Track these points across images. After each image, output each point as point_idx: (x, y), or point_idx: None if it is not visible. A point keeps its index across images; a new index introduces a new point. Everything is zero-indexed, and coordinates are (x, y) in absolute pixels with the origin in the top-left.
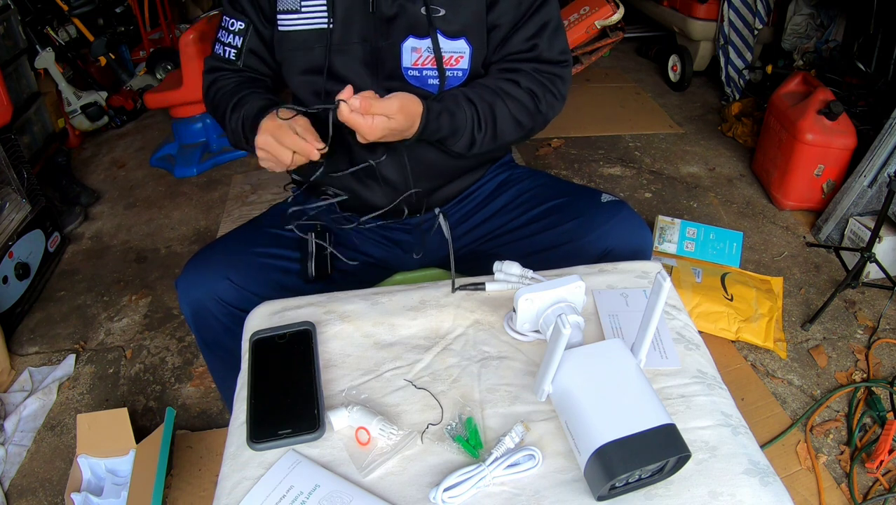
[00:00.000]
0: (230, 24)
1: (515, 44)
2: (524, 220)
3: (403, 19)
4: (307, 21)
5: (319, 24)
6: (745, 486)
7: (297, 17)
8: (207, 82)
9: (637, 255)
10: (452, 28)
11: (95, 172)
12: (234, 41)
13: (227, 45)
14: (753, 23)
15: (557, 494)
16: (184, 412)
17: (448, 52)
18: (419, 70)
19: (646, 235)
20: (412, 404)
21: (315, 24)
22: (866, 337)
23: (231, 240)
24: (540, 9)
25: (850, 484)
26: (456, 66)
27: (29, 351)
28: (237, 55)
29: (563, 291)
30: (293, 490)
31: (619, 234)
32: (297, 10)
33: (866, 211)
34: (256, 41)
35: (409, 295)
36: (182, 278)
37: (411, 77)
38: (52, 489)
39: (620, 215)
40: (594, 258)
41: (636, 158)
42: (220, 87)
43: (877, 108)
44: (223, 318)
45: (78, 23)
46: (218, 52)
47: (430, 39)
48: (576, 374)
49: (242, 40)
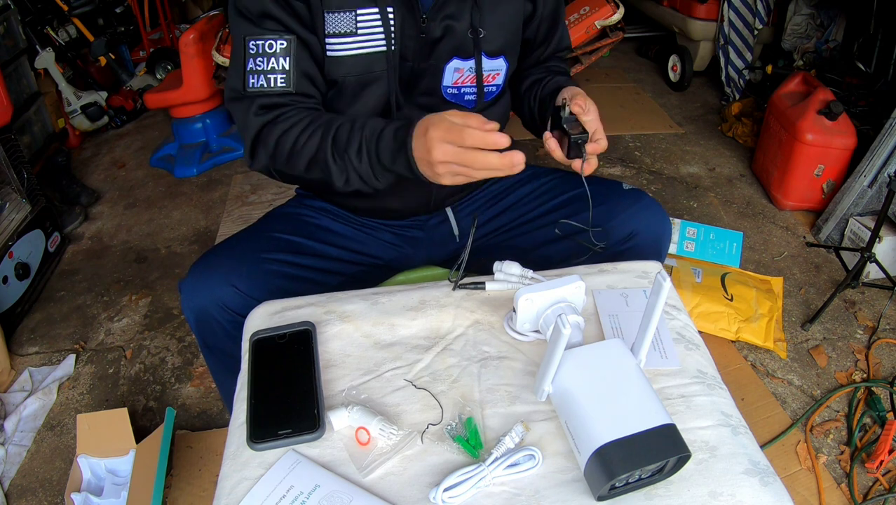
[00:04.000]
0: (265, 46)
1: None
2: (543, 210)
3: (449, 41)
4: (364, 44)
5: (377, 47)
6: (745, 486)
7: (352, 40)
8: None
9: (659, 241)
10: (493, 48)
11: (95, 172)
12: (277, 64)
13: (269, 73)
14: (753, 23)
15: (557, 494)
16: (184, 412)
17: (487, 71)
18: (458, 88)
19: (667, 223)
20: (412, 404)
21: (374, 48)
22: (866, 337)
23: (236, 245)
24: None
25: (850, 484)
26: (492, 83)
27: (29, 351)
28: (287, 80)
29: (563, 291)
30: (293, 490)
31: (642, 219)
32: (353, 33)
33: (866, 211)
34: (306, 58)
35: (409, 295)
36: (186, 283)
37: (448, 94)
38: (52, 489)
39: (643, 202)
40: (619, 241)
41: (636, 158)
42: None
43: (877, 108)
44: (227, 324)
45: (78, 23)
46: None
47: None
48: (576, 374)
49: (290, 60)
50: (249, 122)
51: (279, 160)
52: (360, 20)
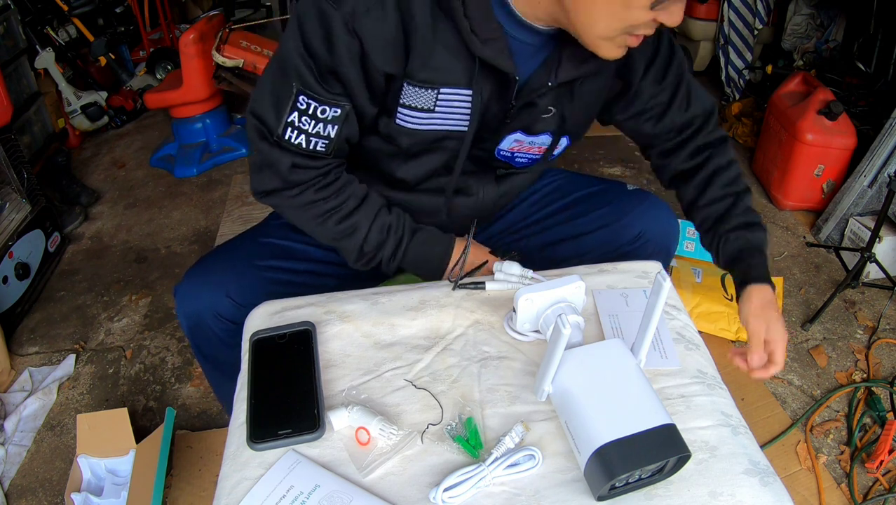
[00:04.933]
0: (319, 110)
1: (671, 122)
2: (548, 211)
3: (520, 119)
4: (441, 122)
5: (454, 126)
6: (745, 486)
7: (427, 116)
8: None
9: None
10: (562, 129)
11: (95, 172)
12: (323, 130)
13: (312, 136)
14: (753, 23)
15: (557, 494)
16: (184, 412)
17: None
18: (511, 153)
19: (674, 222)
20: (412, 404)
21: (450, 127)
22: (866, 337)
23: (231, 252)
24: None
25: (850, 484)
26: (553, 152)
27: (29, 351)
28: (328, 147)
29: (563, 291)
30: (293, 490)
31: (649, 219)
32: (431, 111)
33: (866, 211)
34: (354, 125)
35: (409, 295)
36: (180, 289)
37: (501, 155)
38: (52, 489)
39: (649, 201)
40: (627, 242)
41: (636, 158)
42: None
43: (877, 108)
44: (220, 332)
45: (78, 23)
46: (295, 143)
47: (544, 136)
48: (576, 374)
49: (337, 129)
50: (271, 173)
51: (298, 220)
52: (441, 98)
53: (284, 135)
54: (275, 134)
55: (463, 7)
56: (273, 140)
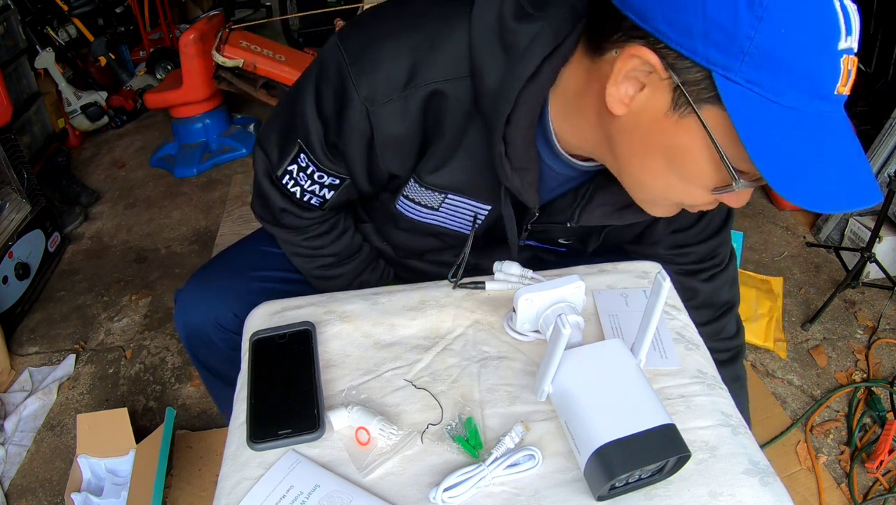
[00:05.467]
0: (317, 175)
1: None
2: None
3: (535, 233)
4: (445, 221)
5: (457, 228)
6: (745, 486)
7: (430, 213)
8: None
9: None
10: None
11: (95, 172)
12: (319, 191)
13: (309, 193)
14: None
15: (557, 494)
16: (184, 412)
17: None
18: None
19: None
20: (412, 404)
21: (453, 227)
22: (866, 337)
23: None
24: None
25: (850, 484)
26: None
27: (29, 351)
28: (322, 204)
29: (563, 291)
30: (293, 490)
31: None
32: (435, 209)
33: (866, 211)
34: (352, 194)
35: (409, 295)
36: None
37: None
38: (52, 489)
39: None
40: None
41: None
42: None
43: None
44: (220, 343)
45: (78, 23)
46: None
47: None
48: (576, 374)
49: (334, 194)
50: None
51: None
52: (447, 202)
53: (282, 179)
54: (273, 174)
55: (506, 128)
56: (272, 178)
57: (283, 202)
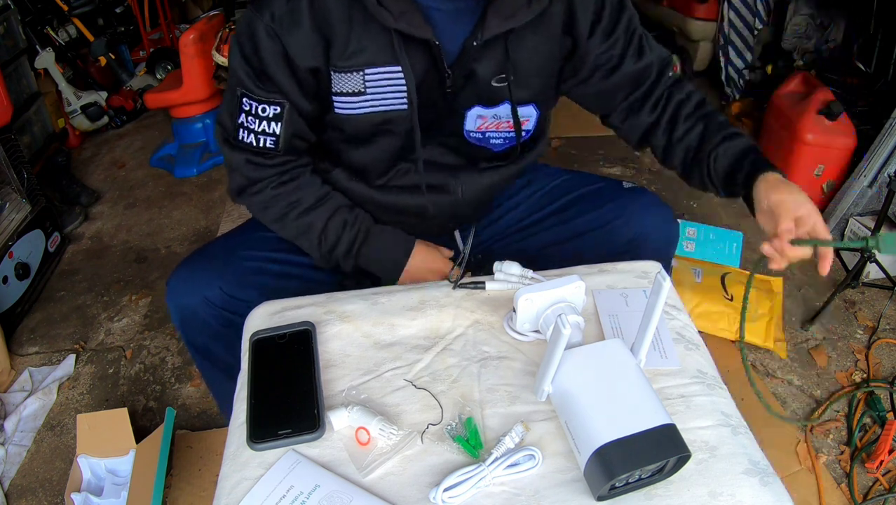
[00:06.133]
0: (259, 108)
1: (625, 75)
2: (546, 212)
3: (472, 90)
4: (375, 103)
5: (393, 107)
6: (745, 486)
7: (360, 100)
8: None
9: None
10: (523, 96)
11: (95, 172)
12: (268, 128)
13: (260, 134)
14: (753, 23)
15: (557, 494)
16: (184, 412)
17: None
18: (482, 133)
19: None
20: (412, 404)
21: (387, 108)
22: (866, 337)
23: (224, 244)
24: (630, 27)
25: (850, 484)
26: (522, 127)
27: (29, 351)
28: (276, 143)
29: (563, 291)
30: (293, 490)
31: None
32: (362, 93)
33: (866, 211)
34: (298, 122)
35: (408, 295)
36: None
37: (472, 138)
38: (52, 489)
39: (646, 199)
40: (624, 243)
41: (636, 158)
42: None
43: (877, 108)
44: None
45: (78, 23)
46: (247, 141)
47: (503, 107)
48: (576, 374)
49: (281, 126)
50: (235, 172)
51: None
52: (368, 79)
53: (238, 135)
54: (231, 136)
55: None
56: (231, 142)
57: (244, 155)
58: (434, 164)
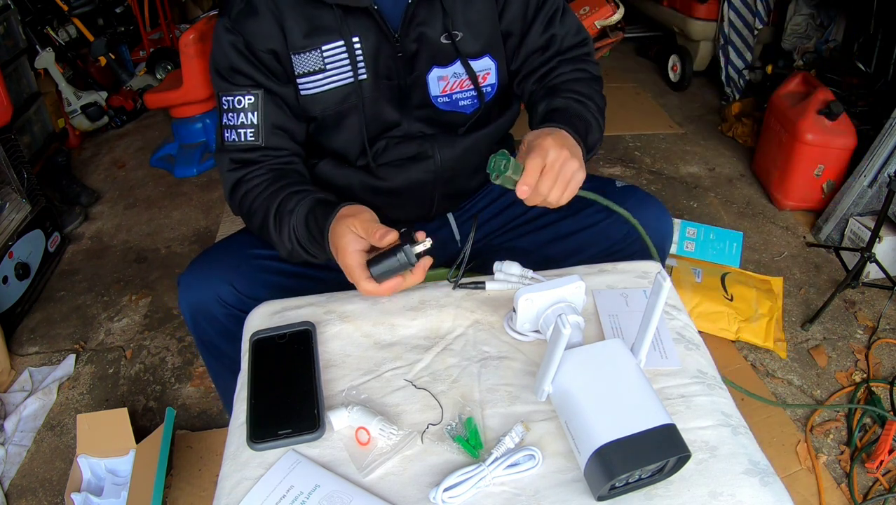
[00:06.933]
0: (235, 101)
1: (532, 43)
2: (539, 210)
3: (425, 52)
4: (335, 79)
5: (346, 79)
6: (745, 486)
7: (322, 77)
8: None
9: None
10: (474, 49)
11: (95, 172)
12: (246, 119)
13: (240, 128)
14: (753, 23)
15: (557, 494)
16: (184, 412)
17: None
18: (448, 96)
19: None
20: (412, 404)
21: (343, 81)
22: (866, 337)
23: (234, 243)
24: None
25: (850, 484)
26: (485, 83)
27: (29, 351)
28: (256, 134)
29: (563, 291)
30: (293, 490)
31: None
32: (322, 70)
33: (866, 211)
34: (276, 112)
35: (409, 295)
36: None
37: (441, 104)
38: (52, 489)
39: (637, 197)
40: (617, 240)
41: (636, 158)
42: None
43: (877, 108)
44: (224, 318)
45: (78, 23)
46: (231, 140)
47: (459, 63)
48: (576, 374)
49: (258, 115)
50: (224, 176)
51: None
52: (326, 56)
53: (224, 138)
54: (221, 144)
55: None
56: (220, 148)
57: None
58: (412, 137)
